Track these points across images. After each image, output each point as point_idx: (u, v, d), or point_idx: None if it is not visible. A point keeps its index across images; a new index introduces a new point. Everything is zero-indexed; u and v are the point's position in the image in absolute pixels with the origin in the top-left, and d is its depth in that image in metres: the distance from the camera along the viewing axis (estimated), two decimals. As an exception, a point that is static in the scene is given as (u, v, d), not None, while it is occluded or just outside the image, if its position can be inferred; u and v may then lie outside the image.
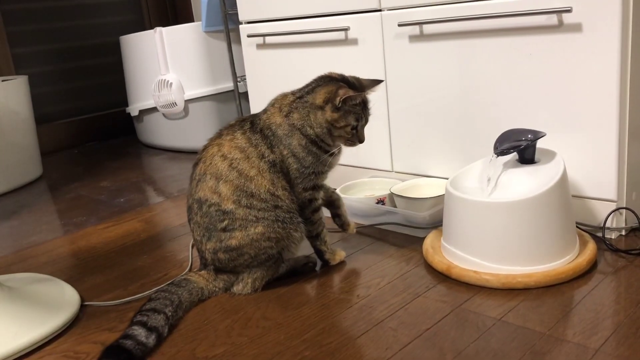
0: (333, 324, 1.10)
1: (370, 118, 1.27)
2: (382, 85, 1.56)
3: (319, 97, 1.22)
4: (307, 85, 1.27)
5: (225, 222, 1.20)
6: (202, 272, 1.26)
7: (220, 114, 2.61)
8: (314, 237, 1.31)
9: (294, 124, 1.23)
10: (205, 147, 1.27)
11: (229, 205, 1.19)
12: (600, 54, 1.25)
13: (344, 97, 1.20)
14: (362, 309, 1.14)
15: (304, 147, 1.23)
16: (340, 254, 1.36)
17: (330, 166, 1.28)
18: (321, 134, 1.23)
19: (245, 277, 1.24)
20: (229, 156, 1.21)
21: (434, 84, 1.52)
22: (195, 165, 1.26)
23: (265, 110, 1.27)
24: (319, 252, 1.33)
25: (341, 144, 1.27)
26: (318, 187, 1.28)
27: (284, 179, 1.23)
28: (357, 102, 1.22)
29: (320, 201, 1.30)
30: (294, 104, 1.24)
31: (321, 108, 1.22)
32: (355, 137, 1.25)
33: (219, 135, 1.27)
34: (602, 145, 1.30)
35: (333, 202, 1.37)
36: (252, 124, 1.25)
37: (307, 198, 1.26)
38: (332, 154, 1.25)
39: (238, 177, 1.20)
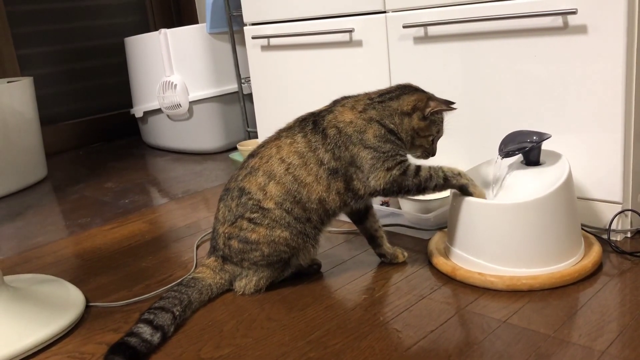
0: (338, 326, 1.10)
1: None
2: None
3: (407, 104, 1.21)
4: (387, 92, 1.25)
5: (256, 215, 1.20)
6: (209, 260, 1.27)
7: (225, 116, 2.61)
8: (443, 186, 1.20)
9: (371, 117, 1.20)
10: (263, 145, 1.26)
11: (270, 204, 1.20)
12: (606, 55, 1.25)
13: (435, 109, 1.21)
14: (367, 311, 1.14)
15: (381, 137, 1.19)
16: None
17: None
18: (404, 139, 1.22)
19: (251, 274, 1.24)
20: (287, 161, 1.20)
21: (439, 86, 1.52)
22: (251, 157, 1.26)
23: (330, 110, 1.24)
24: (462, 188, 1.21)
25: (416, 155, 1.27)
26: (404, 160, 1.21)
27: (342, 181, 1.20)
28: (442, 115, 1.24)
29: (412, 165, 1.20)
30: (372, 105, 1.22)
31: (408, 115, 1.21)
32: (431, 149, 1.26)
33: (278, 136, 1.26)
34: (608, 147, 1.29)
35: (375, 239, 1.33)
36: (314, 124, 1.23)
37: (395, 176, 1.18)
38: (405, 148, 1.23)
39: (292, 182, 1.19)
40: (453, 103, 1.26)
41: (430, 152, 1.27)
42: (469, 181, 1.21)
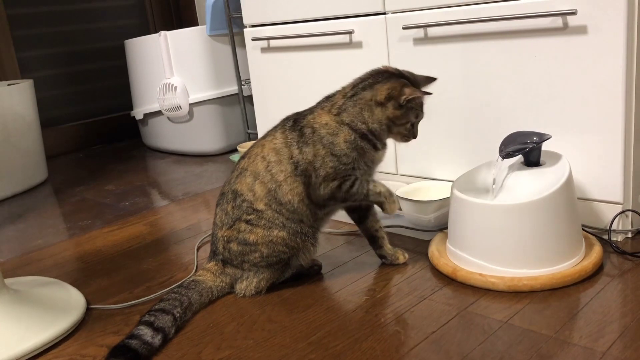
0: (339, 327, 1.10)
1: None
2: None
3: (381, 94, 1.19)
4: (360, 81, 1.23)
5: (252, 216, 1.21)
6: (210, 264, 1.27)
7: (225, 118, 2.61)
8: (364, 200, 1.24)
9: (342, 120, 1.20)
10: (253, 145, 1.28)
11: (261, 206, 1.20)
12: (606, 55, 1.25)
13: (410, 96, 1.18)
14: (368, 312, 1.14)
15: (350, 143, 1.19)
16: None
17: (375, 162, 1.25)
18: (377, 130, 1.20)
19: (251, 275, 1.24)
20: (267, 158, 1.22)
21: (439, 87, 1.51)
22: (242, 158, 1.27)
23: (312, 111, 1.25)
24: (379, 204, 1.25)
25: (396, 140, 1.25)
26: (349, 176, 1.22)
27: (301, 186, 1.20)
28: (420, 100, 1.21)
29: (350, 180, 1.21)
30: (344, 104, 1.21)
31: (382, 105, 1.19)
32: (411, 133, 1.24)
33: (264, 135, 1.28)
34: (608, 148, 1.29)
35: (376, 240, 1.33)
36: (294, 122, 1.24)
37: (333, 187, 1.20)
38: (377, 149, 1.23)
39: (270, 181, 1.20)
40: (434, 79, 1.24)
41: (409, 136, 1.24)
42: (386, 199, 1.23)
